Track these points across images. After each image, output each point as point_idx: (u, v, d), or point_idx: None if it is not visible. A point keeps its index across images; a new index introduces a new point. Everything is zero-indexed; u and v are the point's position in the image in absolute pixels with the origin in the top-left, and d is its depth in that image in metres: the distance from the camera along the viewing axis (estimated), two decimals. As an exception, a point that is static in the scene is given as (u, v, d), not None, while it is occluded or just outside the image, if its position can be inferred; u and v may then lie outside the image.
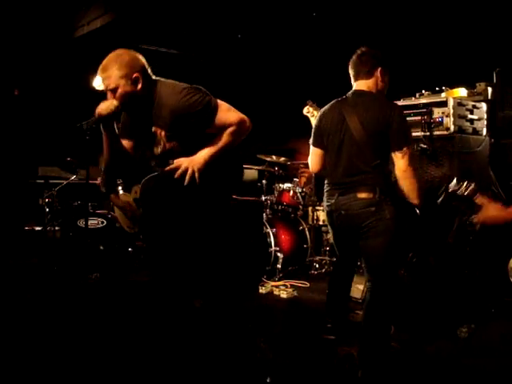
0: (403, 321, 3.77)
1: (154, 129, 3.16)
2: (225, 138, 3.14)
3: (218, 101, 3.14)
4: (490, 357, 3.44)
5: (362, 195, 3.07)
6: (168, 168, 3.12)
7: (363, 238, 3.11)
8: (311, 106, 3.82)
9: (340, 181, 3.18)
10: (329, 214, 3.29)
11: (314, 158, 3.43)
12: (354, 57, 3.30)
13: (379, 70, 3.22)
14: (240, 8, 6.41)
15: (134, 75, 2.99)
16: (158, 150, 3.24)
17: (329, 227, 3.41)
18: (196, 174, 3.07)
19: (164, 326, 3.47)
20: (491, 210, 2.41)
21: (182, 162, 3.08)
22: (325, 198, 3.33)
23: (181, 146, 3.16)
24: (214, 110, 3.08)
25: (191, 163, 3.07)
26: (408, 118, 3.48)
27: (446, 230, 3.86)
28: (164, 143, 3.18)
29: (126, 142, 3.26)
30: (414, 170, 3.12)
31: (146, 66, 3.09)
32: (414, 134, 3.42)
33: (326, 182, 3.34)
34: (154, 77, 3.15)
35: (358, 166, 3.11)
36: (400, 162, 3.05)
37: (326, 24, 6.51)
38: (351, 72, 3.31)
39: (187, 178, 3.06)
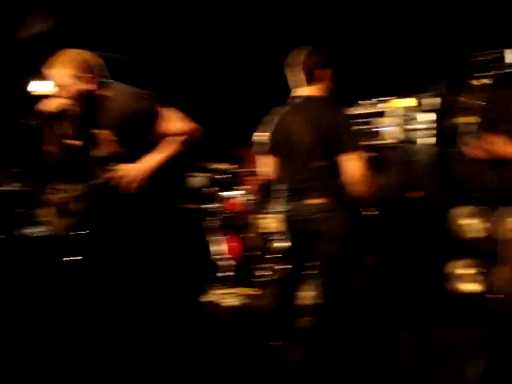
0: (351, 326, 3.81)
1: (100, 131, 3.12)
2: (172, 146, 3.11)
3: (169, 108, 3.12)
4: (432, 360, 3.53)
5: (315, 201, 3.09)
6: (107, 175, 3.09)
7: (315, 244, 3.13)
8: None
9: (292, 187, 3.20)
10: (282, 219, 3.30)
11: (266, 165, 3.44)
12: (295, 59, 3.23)
13: (323, 72, 3.20)
14: (185, 15, 6.39)
15: (84, 74, 2.98)
16: (103, 153, 3.19)
17: (282, 233, 3.41)
18: (135, 184, 3.03)
19: (107, 336, 3.39)
20: (495, 141, 2.18)
21: (123, 170, 3.04)
22: (278, 205, 3.33)
23: (126, 150, 3.12)
24: (163, 116, 3.06)
25: (132, 171, 3.04)
26: (355, 127, 3.52)
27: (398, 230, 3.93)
28: (109, 147, 3.13)
29: (73, 143, 3.20)
30: (369, 173, 3.10)
31: (100, 67, 3.08)
32: (360, 143, 3.44)
33: (279, 188, 3.33)
34: (107, 79, 3.12)
35: (308, 172, 3.12)
36: (353, 165, 3.03)
37: (271, 30, 6.56)
38: (294, 75, 3.25)
39: (125, 186, 3.02)
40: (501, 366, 2.02)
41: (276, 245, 6.01)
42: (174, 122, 3.09)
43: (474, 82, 4.68)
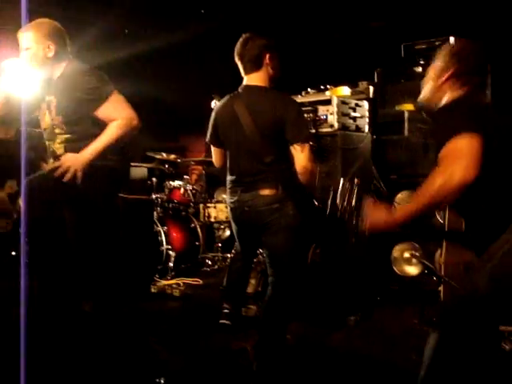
0: (297, 311, 3.86)
1: (48, 98, 3.30)
2: (111, 130, 3.15)
3: (115, 92, 3.21)
4: (378, 343, 3.61)
5: (265, 192, 3.05)
6: (50, 167, 3.16)
7: (266, 234, 3.11)
8: (218, 100, 3.76)
9: (241, 178, 3.14)
10: (232, 210, 3.25)
11: (215, 155, 3.40)
12: (238, 47, 3.16)
13: (267, 56, 3.10)
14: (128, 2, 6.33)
15: (48, 42, 3.21)
16: (48, 121, 3.33)
17: (232, 223, 3.36)
18: (78, 174, 3.08)
19: (53, 331, 3.35)
20: (376, 215, 2.25)
21: (65, 161, 3.11)
22: (228, 195, 3.29)
23: (65, 122, 3.26)
24: (106, 95, 3.16)
25: (73, 162, 3.10)
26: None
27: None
28: (54, 115, 3.29)
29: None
30: (314, 164, 3.09)
31: (65, 40, 3.32)
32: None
33: (227, 178, 3.27)
34: (70, 55, 3.34)
35: (256, 164, 3.07)
36: (300, 155, 2.99)
37: (214, 21, 6.54)
38: (239, 63, 3.18)
39: (68, 176, 3.07)
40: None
41: (224, 234, 6.06)
42: (114, 104, 3.17)
43: (415, 70, 4.77)
